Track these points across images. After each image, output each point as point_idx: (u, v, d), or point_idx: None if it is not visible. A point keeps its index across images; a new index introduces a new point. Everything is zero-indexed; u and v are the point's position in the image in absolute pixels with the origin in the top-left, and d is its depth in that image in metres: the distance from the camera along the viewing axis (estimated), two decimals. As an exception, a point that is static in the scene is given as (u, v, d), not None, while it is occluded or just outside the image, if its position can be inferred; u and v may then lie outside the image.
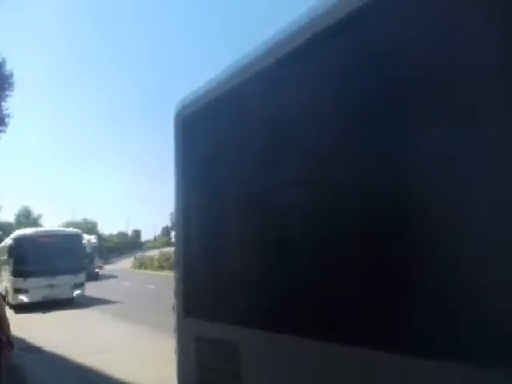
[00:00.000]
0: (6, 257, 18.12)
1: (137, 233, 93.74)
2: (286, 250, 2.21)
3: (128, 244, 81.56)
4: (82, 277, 17.71)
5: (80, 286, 17.42)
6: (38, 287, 16.10)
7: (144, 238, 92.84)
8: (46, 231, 19.15)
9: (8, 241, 18.70)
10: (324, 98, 2.04)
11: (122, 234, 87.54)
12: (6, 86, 6.68)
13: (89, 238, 19.68)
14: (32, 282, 16.15)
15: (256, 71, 2.42)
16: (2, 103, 6.63)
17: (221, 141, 2.78)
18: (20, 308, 15.35)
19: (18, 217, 58.19)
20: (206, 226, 2.94)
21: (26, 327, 11.10)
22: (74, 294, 17.08)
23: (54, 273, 16.40)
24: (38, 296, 16.09)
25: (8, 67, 6.65)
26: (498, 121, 1.38)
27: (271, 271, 2.29)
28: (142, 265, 46.46)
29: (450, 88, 1.52)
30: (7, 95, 6.73)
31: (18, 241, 17.03)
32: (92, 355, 7.95)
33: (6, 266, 17.90)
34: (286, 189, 2.28)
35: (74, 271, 17.04)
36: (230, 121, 2.67)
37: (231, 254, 2.68)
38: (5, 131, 6.75)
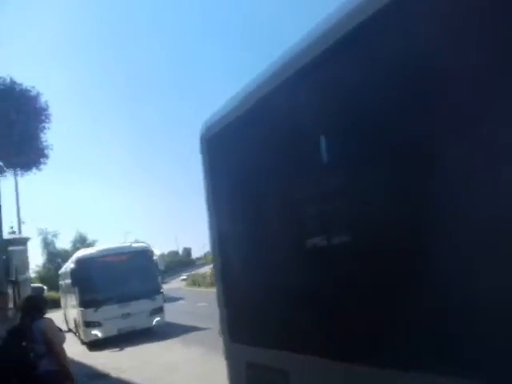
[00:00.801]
0: (68, 282, 15.36)
1: (187, 251, 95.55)
2: (331, 270, 2.08)
3: (180, 262, 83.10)
4: (160, 300, 14.79)
5: (159, 311, 14.59)
6: (111, 318, 13.48)
7: (195, 255, 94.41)
8: (111, 249, 15.35)
9: (69, 265, 15.52)
10: (356, 105, 1.90)
11: (173, 253, 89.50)
12: (43, 118, 7.08)
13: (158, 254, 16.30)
14: (104, 313, 13.52)
15: (275, 85, 2.35)
16: (41, 135, 7.05)
17: (248, 157, 2.72)
18: (93, 344, 13.40)
19: (74, 243, 60.50)
20: (243, 246, 2.87)
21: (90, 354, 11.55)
22: (154, 322, 14.31)
23: (128, 299, 13.78)
24: (112, 329, 13.52)
25: (43, 99, 7.08)
26: None
27: (320, 293, 2.16)
28: (195, 282, 47.24)
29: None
30: (44, 127, 7.16)
31: (81, 264, 14.02)
32: (159, 379, 8.01)
33: (72, 295, 15.08)
34: (322, 202, 2.18)
35: (150, 294, 14.26)
36: (254, 136, 2.62)
37: (271, 275, 2.57)
38: (46, 163, 7.19)
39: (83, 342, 14.03)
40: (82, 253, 15.42)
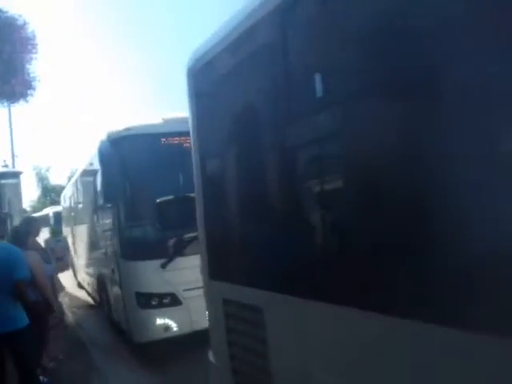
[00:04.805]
0: (84, 204, 8.56)
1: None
2: (312, 208, 2.03)
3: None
4: None
5: None
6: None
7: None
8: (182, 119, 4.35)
9: (94, 159, 6.70)
10: (355, 40, 1.72)
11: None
12: (30, 47, 6.63)
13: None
14: (184, 274, 5.08)
15: (267, 11, 2.15)
16: (27, 66, 6.61)
17: (236, 92, 2.59)
18: (156, 353, 5.30)
19: (69, 179, 59.79)
20: (225, 183, 2.84)
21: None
22: None
23: None
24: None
25: (30, 28, 6.61)
26: None
27: (295, 233, 2.12)
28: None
29: None
30: (31, 58, 6.70)
31: (125, 149, 5.51)
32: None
33: (96, 230, 7.35)
34: (311, 140, 2.06)
35: None
36: (244, 69, 2.47)
37: (249, 215, 2.56)
38: (33, 94, 6.80)
39: (126, 338, 6.07)
40: (120, 130, 5.77)
